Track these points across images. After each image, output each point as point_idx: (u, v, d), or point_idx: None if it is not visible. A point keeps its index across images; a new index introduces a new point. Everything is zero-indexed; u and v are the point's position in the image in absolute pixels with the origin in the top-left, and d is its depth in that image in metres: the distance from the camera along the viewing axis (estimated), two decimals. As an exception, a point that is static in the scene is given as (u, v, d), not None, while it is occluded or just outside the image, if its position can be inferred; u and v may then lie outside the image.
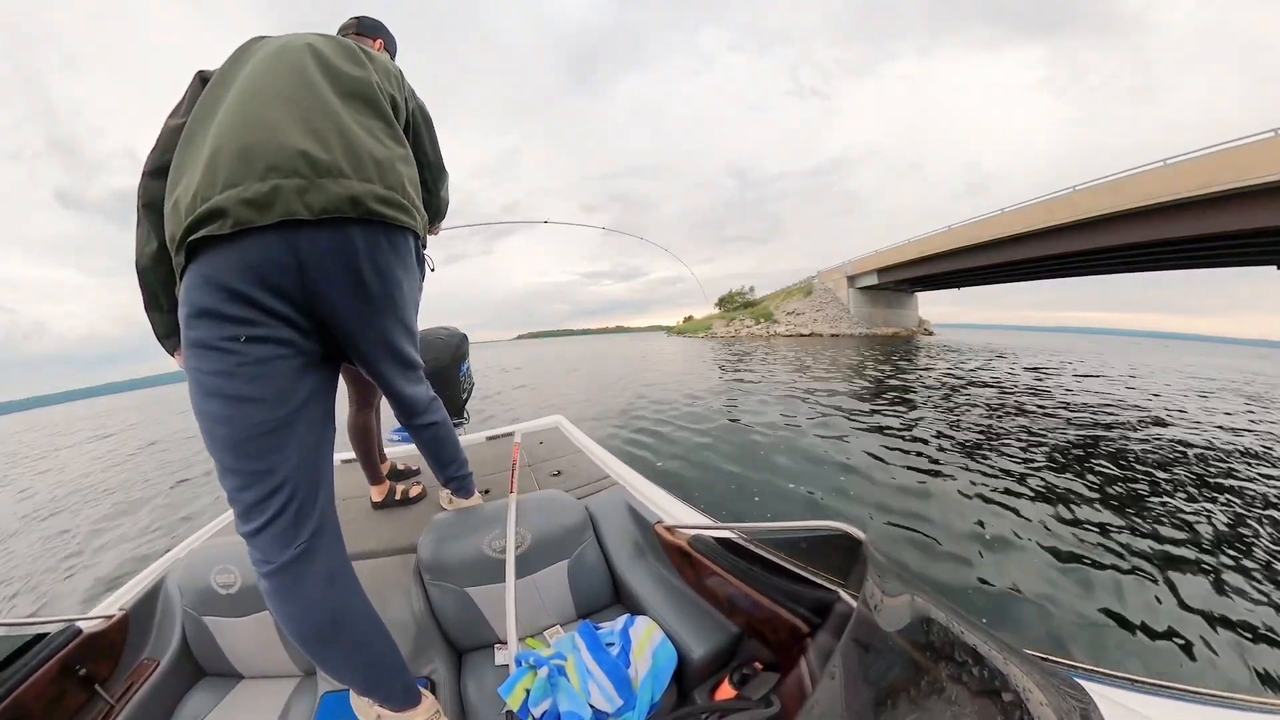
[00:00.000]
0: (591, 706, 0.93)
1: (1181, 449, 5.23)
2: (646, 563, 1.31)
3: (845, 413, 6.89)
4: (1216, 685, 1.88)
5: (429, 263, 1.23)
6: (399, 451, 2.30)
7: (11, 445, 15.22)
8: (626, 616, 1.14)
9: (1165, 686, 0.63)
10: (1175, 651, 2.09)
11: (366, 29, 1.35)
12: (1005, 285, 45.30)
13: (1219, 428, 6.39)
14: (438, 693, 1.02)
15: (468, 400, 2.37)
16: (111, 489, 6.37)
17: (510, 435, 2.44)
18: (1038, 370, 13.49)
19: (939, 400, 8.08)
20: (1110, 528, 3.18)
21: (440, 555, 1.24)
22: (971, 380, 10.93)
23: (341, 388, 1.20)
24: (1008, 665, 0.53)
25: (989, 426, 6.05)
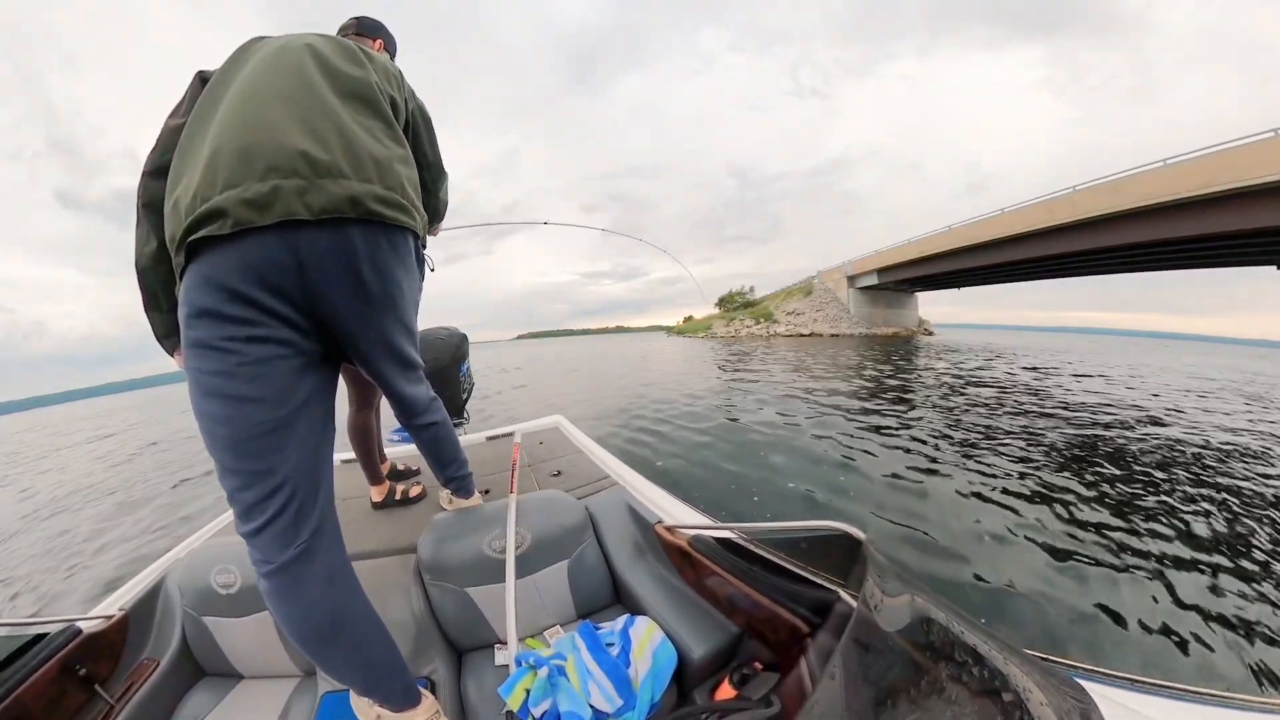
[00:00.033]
0: (591, 706, 0.93)
1: (1179, 448, 5.23)
2: (646, 563, 1.31)
3: (844, 412, 6.89)
4: (1210, 680, 1.90)
5: (429, 263, 1.22)
6: (399, 451, 2.30)
7: (12, 445, 15.22)
8: (626, 616, 1.14)
9: (1165, 686, 0.63)
10: (1170, 647, 2.10)
11: (366, 29, 1.35)
12: (1005, 285, 45.31)
13: (1217, 427, 6.39)
14: (438, 693, 1.02)
15: (468, 400, 2.37)
16: (113, 489, 6.38)
17: (510, 435, 2.44)
18: (1037, 370, 13.48)
19: (938, 400, 8.08)
20: (1106, 526, 3.18)
21: (440, 555, 1.24)
22: (970, 380, 10.93)
23: (341, 388, 1.20)
24: (1008, 665, 0.53)
25: (987, 426, 6.04)
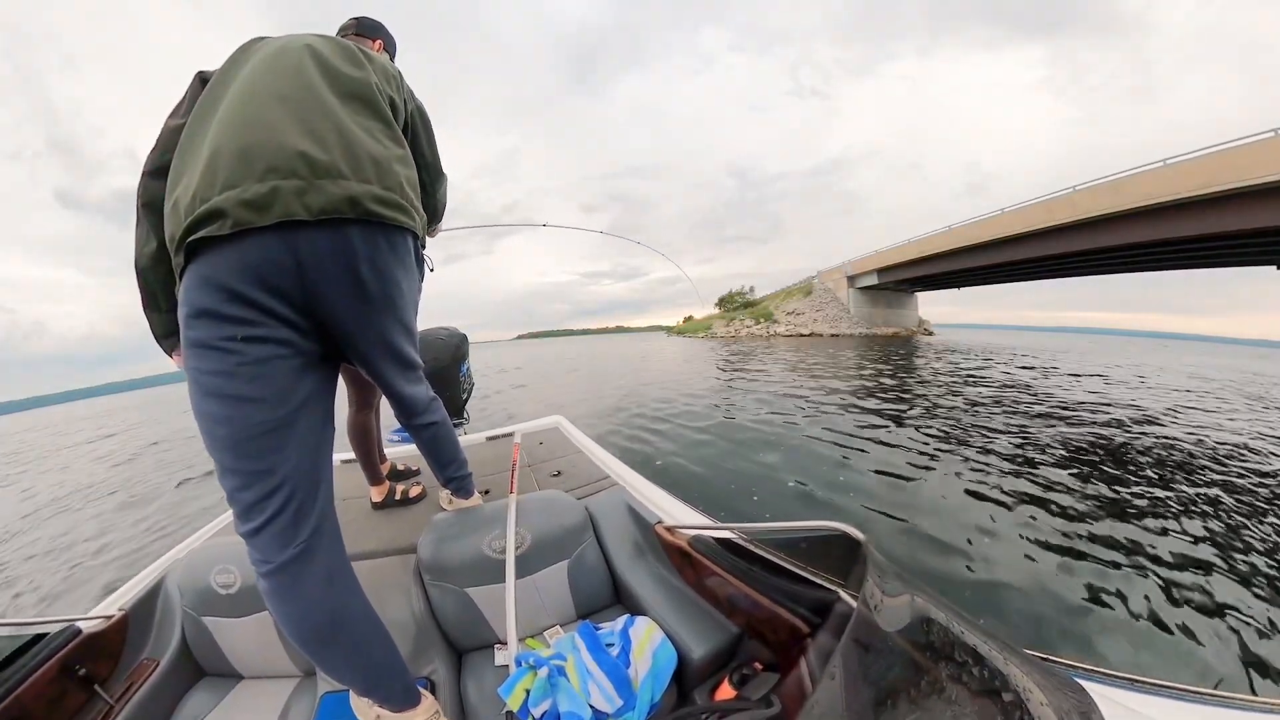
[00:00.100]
0: (591, 707, 0.92)
1: (1176, 447, 5.23)
2: (646, 563, 1.31)
3: (843, 411, 6.89)
4: (1201, 672, 1.92)
5: (428, 263, 1.22)
6: (399, 452, 2.30)
7: (12, 445, 15.22)
8: (626, 617, 1.14)
9: (1165, 686, 0.63)
10: (1160, 636, 2.12)
11: (366, 30, 1.35)
12: (1005, 285, 45.30)
13: (1214, 427, 6.40)
14: (437, 693, 1.02)
15: (468, 400, 2.37)
16: (114, 488, 6.38)
17: (510, 435, 2.44)
18: (1036, 370, 13.48)
19: (936, 399, 8.08)
20: (1101, 521, 3.21)
21: (440, 555, 1.24)
22: (969, 379, 10.93)
23: (341, 388, 1.20)
24: (1008, 665, 0.53)
25: (985, 425, 6.05)
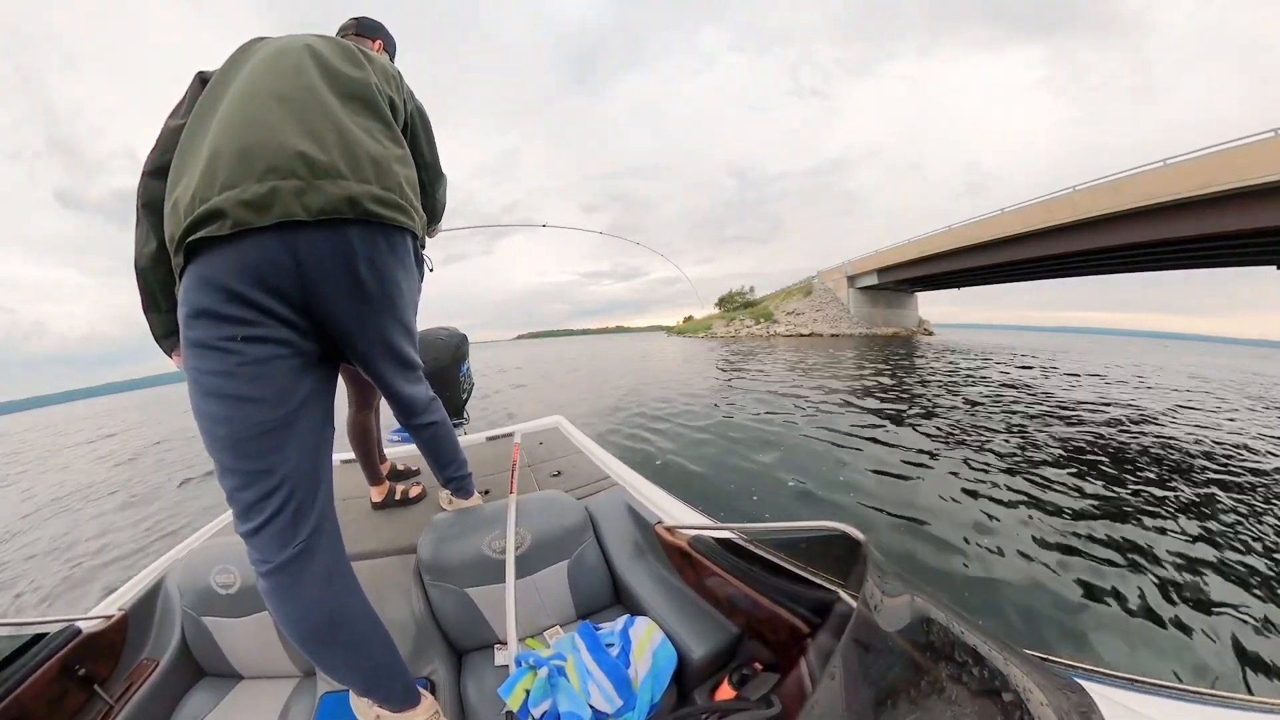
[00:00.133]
0: (591, 707, 0.92)
1: (1175, 446, 5.24)
2: (646, 563, 1.31)
3: (842, 410, 6.89)
4: (1198, 669, 1.93)
5: (427, 263, 1.22)
6: (399, 452, 2.30)
7: (12, 445, 15.22)
8: (626, 617, 1.14)
9: (1165, 686, 0.63)
10: (1156, 632, 2.13)
11: (366, 30, 1.35)
12: (1005, 285, 45.30)
13: (1212, 427, 6.40)
14: (437, 693, 1.02)
15: (468, 400, 2.37)
16: (115, 488, 6.38)
17: (510, 436, 2.44)
18: (1035, 370, 13.48)
19: (935, 398, 8.08)
20: (1098, 520, 3.22)
21: (440, 556, 1.24)
22: (968, 379, 10.93)
23: (341, 388, 1.20)
24: (1008, 665, 0.53)
25: (984, 424, 6.04)
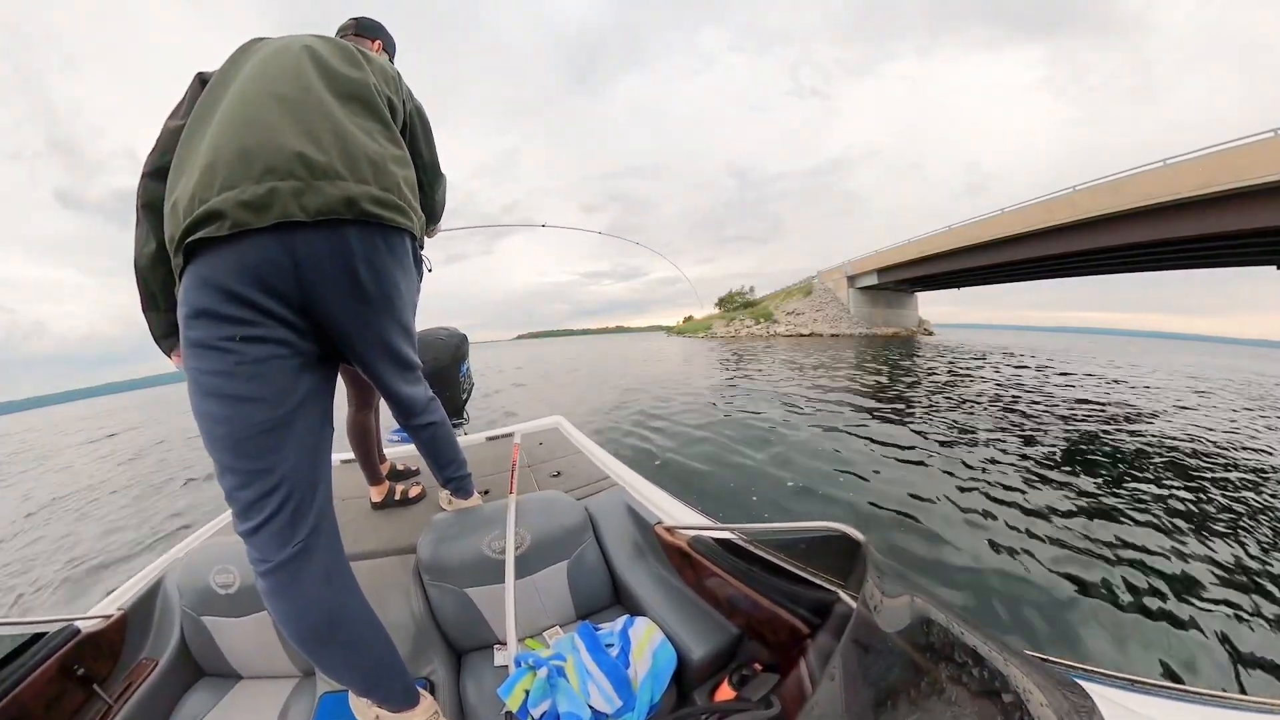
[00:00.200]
0: (591, 707, 0.92)
1: (1173, 446, 5.24)
2: (646, 563, 1.31)
3: (841, 409, 6.90)
4: (1188, 662, 1.95)
5: (426, 263, 1.22)
6: (398, 452, 2.30)
7: (13, 445, 15.22)
8: (626, 617, 1.14)
9: (1165, 687, 0.63)
10: (1146, 625, 2.15)
11: (365, 30, 1.35)
12: (1005, 285, 45.28)
13: (1210, 426, 6.40)
14: (437, 693, 1.02)
15: (467, 401, 2.36)
16: (116, 488, 6.37)
17: (510, 436, 2.44)
18: (1033, 369, 13.47)
19: (933, 398, 8.09)
20: (1094, 517, 3.23)
21: (440, 556, 1.24)
22: (967, 378, 10.94)
23: (341, 388, 1.20)
24: (1008, 666, 0.53)
25: (982, 424, 6.05)
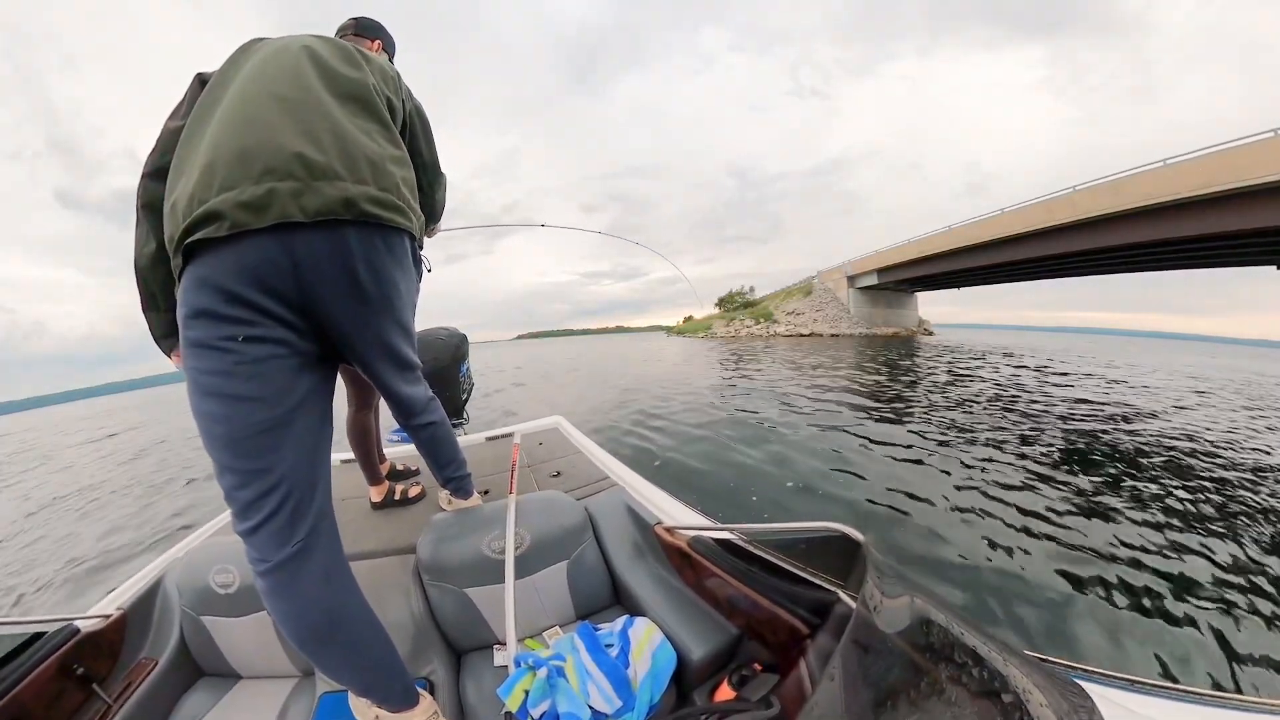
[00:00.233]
0: (590, 708, 0.92)
1: (1171, 445, 5.25)
2: (646, 564, 1.31)
3: (841, 409, 6.91)
4: (1183, 660, 1.96)
5: (425, 263, 1.22)
6: (398, 452, 2.30)
7: (13, 445, 15.22)
8: (626, 617, 1.14)
9: (1165, 687, 0.63)
10: (1142, 622, 2.16)
11: (364, 30, 1.35)
12: (1005, 285, 45.28)
13: (1209, 425, 6.41)
14: (436, 693, 1.02)
15: (467, 401, 2.36)
16: (118, 488, 6.37)
17: (510, 436, 2.44)
18: (1033, 369, 13.47)
19: (933, 397, 8.10)
20: (1092, 516, 3.25)
21: (439, 556, 1.24)
22: (966, 378, 10.95)
23: (341, 388, 1.20)
24: (1008, 666, 0.53)
25: (981, 423, 6.05)
